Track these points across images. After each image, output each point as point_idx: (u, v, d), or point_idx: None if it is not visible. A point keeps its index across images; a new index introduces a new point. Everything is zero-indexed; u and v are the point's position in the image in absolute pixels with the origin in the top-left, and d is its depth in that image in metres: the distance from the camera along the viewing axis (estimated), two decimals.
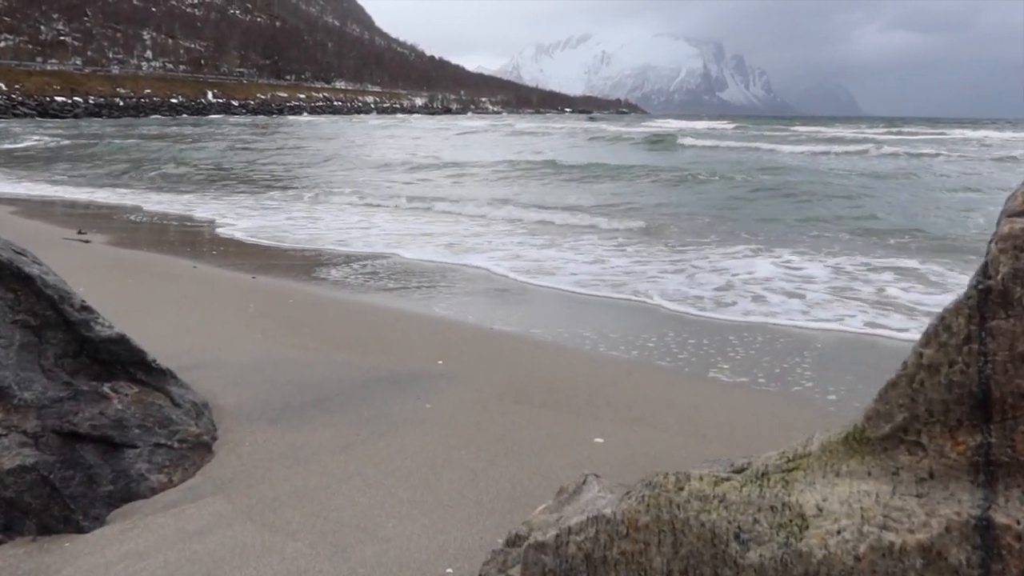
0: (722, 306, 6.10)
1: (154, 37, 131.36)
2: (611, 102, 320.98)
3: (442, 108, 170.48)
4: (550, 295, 6.39)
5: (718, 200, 12.72)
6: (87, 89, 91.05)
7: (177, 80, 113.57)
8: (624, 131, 43.24)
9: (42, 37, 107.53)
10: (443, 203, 12.09)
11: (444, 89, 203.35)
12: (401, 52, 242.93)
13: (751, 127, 51.87)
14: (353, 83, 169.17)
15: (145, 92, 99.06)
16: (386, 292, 6.09)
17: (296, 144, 30.59)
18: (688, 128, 47.85)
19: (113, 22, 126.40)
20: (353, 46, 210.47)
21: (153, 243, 8.09)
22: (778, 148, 26.28)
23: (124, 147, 26.14)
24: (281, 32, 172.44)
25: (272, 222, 10.07)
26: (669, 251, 8.45)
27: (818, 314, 5.94)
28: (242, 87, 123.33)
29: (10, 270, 2.33)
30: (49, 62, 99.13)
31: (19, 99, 77.96)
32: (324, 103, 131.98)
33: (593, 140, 34.74)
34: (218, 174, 16.60)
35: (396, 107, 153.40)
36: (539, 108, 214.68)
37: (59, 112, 77.72)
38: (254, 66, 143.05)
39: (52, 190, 13.56)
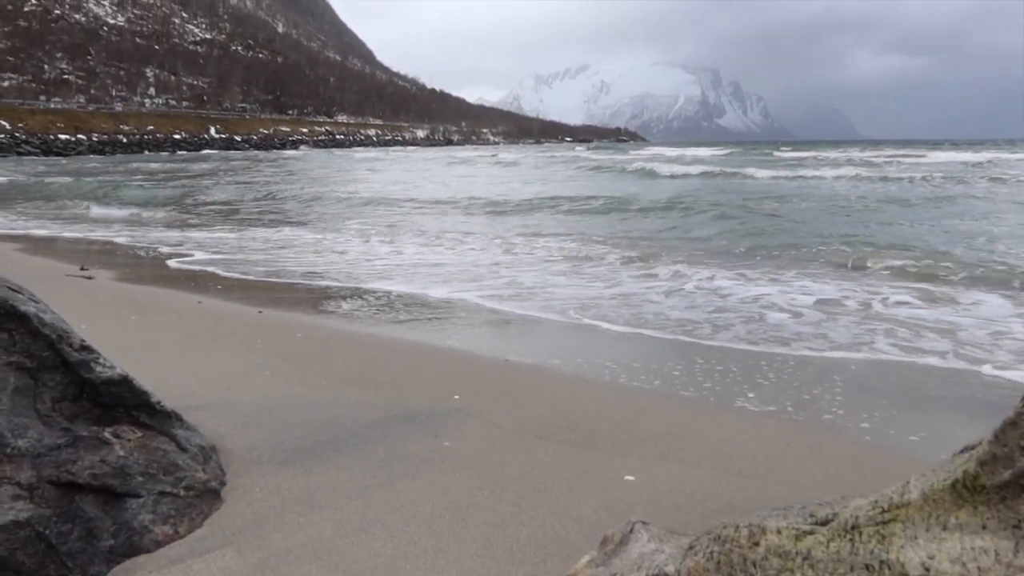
0: (743, 333, 5.93)
1: (157, 74, 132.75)
2: (611, 130, 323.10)
3: (444, 140, 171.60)
4: (563, 326, 6.23)
5: (720, 226, 12.58)
6: (91, 127, 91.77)
7: (180, 116, 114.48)
8: (607, 159, 43.42)
9: (46, 76, 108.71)
10: (445, 235, 11.98)
11: (445, 121, 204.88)
12: (402, 85, 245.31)
13: (742, 154, 52.11)
14: (355, 116, 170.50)
15: (148, 129, 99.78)
16: (396, 324, 5.93)
17: (283, 179, 30.65)
18: (684, 155, 48.09)
19: (116, 60, 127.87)
20: (355, 80, 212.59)
21: (157, 278, 7.95)
22: (757, 173, 26.30)
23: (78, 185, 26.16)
24: (283, 67, 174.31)
25: (269, 256, 9.96)
26: (678, 278, 8.31)
27: (841, 339, 5.77)
28: (244, 122, 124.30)
29: (4, 308, 2.17)
30: (53, 100, 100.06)
31: (23, 137, 78.52)
32: (327, 137, 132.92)
33: (579, 169, 34.83)
34: (226, 209, 16.54)
35: (398, 139, 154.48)
36: (539, 138, 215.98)
37: (63, 150, 78.21)
38: (256, 101, 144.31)
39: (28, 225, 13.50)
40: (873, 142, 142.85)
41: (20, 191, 23.41)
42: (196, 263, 9.17)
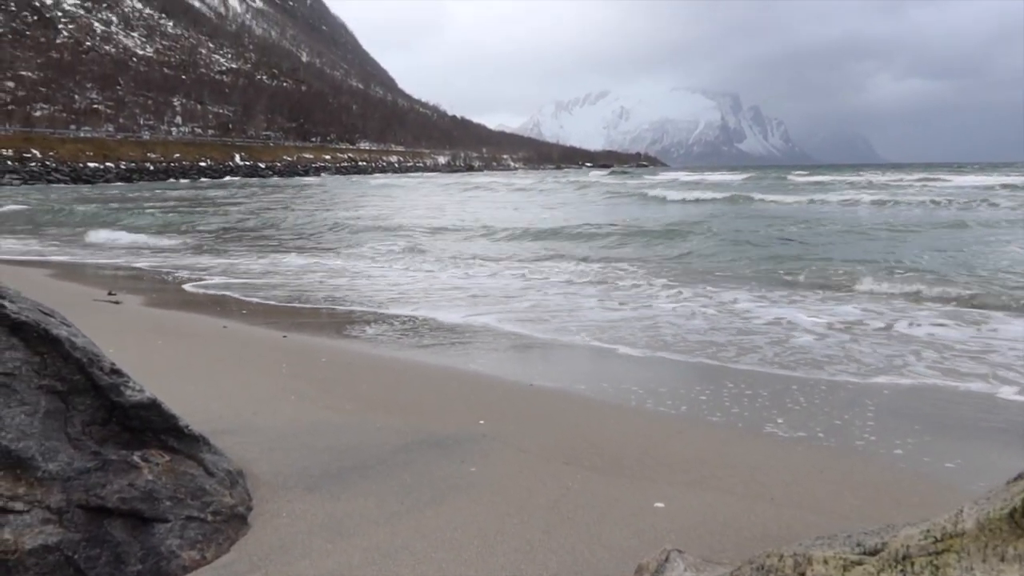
0: (769, 356, 5.85)
1: (183, 103, 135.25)
2: (631, 156, 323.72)
3: (465, 166, 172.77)
4: (587, 349, 6.19)
5: (739, 250, 12.49)
6: (119, 155, 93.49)
7: (206, 144, 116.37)
8: (620, 183, 43.43)
9: (76, 106, 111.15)
10: (466, 260, 11.99)
11: (466, 147, 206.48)
12: (424, 112, 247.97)
13: (759, 179, 51.91)
14: (377, 143, 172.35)
15: (175, 156, 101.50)
16: (420, 349, 5.92)
17: (301, 205, 30.93)
18: (702, 180, 48.00)
19: (144, 90, 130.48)
20: (377, 107, 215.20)
21: (182, 303, 8.01)
22: (775, 198, 26.13)
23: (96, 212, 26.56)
24: (307, 96, 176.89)
25: (290, 280, 10.02)
26: (700, 301, 8.24)
27: (869, 362, 5.67)
28: (268, 150, 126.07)
29: (36, 332, 2.19)
30: (83, 129, 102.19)
31: (53, 166, 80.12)
32: (349, 163, 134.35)
33: (595, 194, 34.84)
34: (246, 235, 16.73)
35: (419, 165, 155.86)
36: (559, 163, 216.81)
37: (91, 178, 79.69)
38: (280, 129, 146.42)
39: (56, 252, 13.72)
40: (895, 166, 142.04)
41: (47, 217, 23.86)
42: (219, 288, 9.25)
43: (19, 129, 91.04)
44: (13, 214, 25.10)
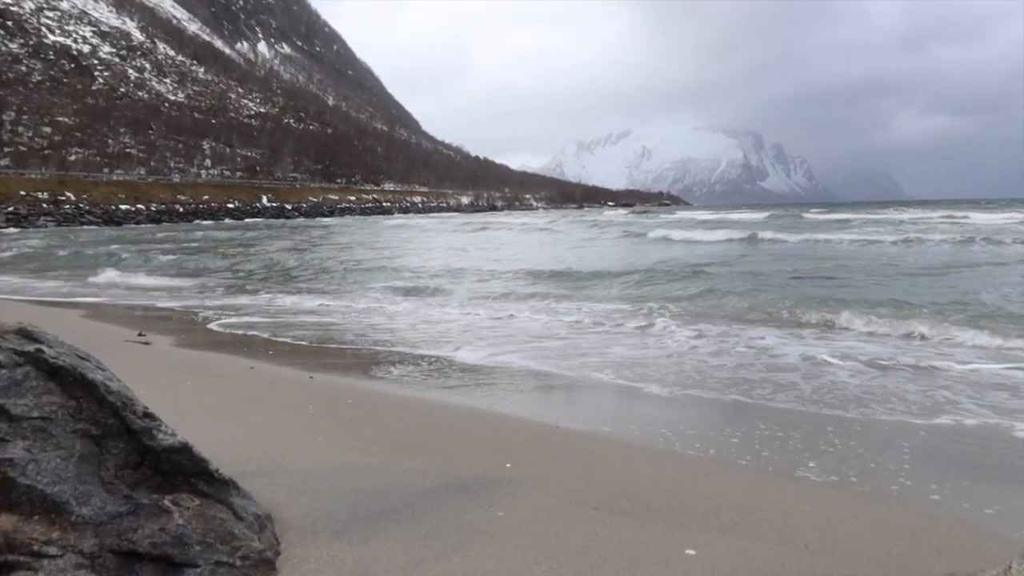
0: (798, 395, 5.77)
1: (213, 147, 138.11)
2: (653, 195, 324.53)
3: (488, 206, 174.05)
4: (613, 389, 6.15)
5: (762, 288, 12.38)
6: (150, 197, 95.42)
7: (234, 186, 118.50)
8: (636, 221, 43.44)
9: (110, 150, 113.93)
10: (487, 300, 12.02)
11: (489, 187, 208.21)
12: (447, 154, 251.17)
13: (779, 217, 51.69)
14: (401, 184, 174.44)
15: (203, 198, 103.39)
16: (446, 390, 5.92)
17: (321, 246, 31.24)
18: (724, 219, 47.85)
19: (175, 134, 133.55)
20: (401, 149, 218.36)
21: (210, 344, 8.09)
22: (796, 237, 25.93)
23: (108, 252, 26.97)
24: (332, 138, 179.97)
25: (315, 319, 10.09)
26: (727, 338, 8.17)
27: (902, 401, 5.58)
28: (295, 191, 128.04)
29: (73, 376, 2.22)
30: (115, 172, 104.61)
31: (87, 208, 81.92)
32: (374, 204, 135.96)
33: (612, 232, 34.84)
34: (270, 275, 16.92)
35: (443, 206, 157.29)
36: (582, 203, 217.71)
37: (123, 219, 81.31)
38: (307, 171, 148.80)
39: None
40: (920, 202, 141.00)
41: (61, 259, 24.34)
42: (245, 327, 9.33)
43: (55, 173, 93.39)
44: (25, 255, 25.65)
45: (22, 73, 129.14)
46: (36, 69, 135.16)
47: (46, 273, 18.58)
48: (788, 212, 60.84)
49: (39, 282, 16.44)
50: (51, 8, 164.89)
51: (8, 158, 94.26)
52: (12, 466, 2.00)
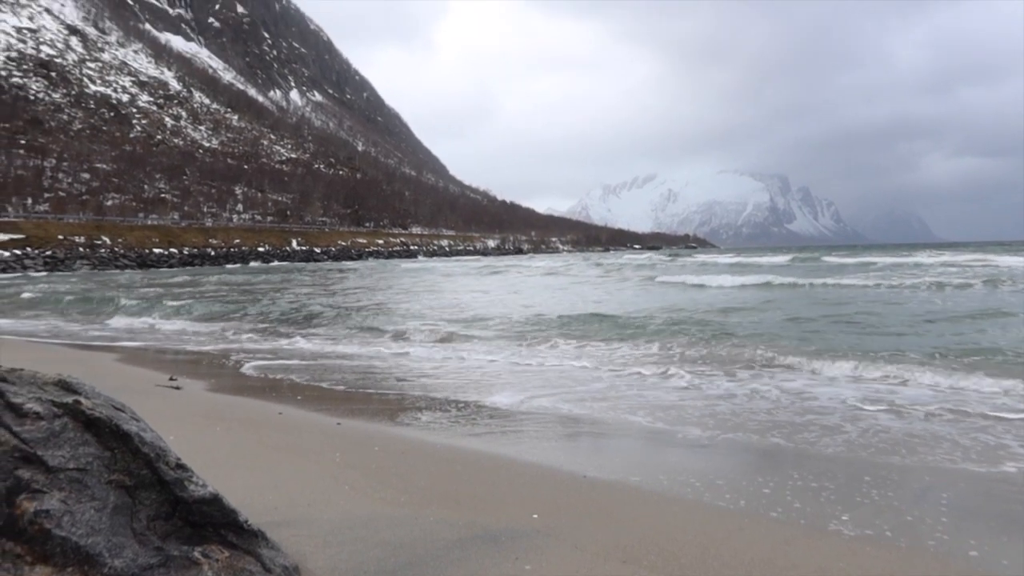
0: (831, 441, 5.66)
1: (245, 191, 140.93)
2: (679, 237, 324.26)
3: (514, 249, 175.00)
4: (642, 435, 6.09)
5: (792, 331, 12.24)
6: (183, 241, 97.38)
7: (264, 230, 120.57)
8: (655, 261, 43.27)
9: (145, 195, 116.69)
10: (512, 344, 12.00)
11: (516, 231, 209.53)
12: (474, 197, 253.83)
13: (804, 260, 51.22)
14: (429, 228, 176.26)
15: (235, 242, 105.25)
16: (473, 437, 5.90)
17: (343, 289, 31.50)
18: (750, 262, 47.53)
19: (209, 179, 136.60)
20: (428, 193, 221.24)
21: (240, 388, 8.16)
22: (814, 281, 25.59)
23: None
24: (361, 183, 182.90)
25: (343, 363, 10.15)
26: (757, 381, 8.07)
27: (939, 449, 5.45)
28: (324, 235, 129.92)
29: (108, 427, 2.26)
30: (150, 217, 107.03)
31: (122, 252, 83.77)
32: (401, 247, 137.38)
33: (629, 275, 34.71)
34: (296, 318, 17.07)
35: (470, 249, 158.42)
36: (608, 246, 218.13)
37: (156, 263, 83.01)
38: (336, 215, 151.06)
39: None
40: (951, 245, 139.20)
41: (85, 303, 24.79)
42: (273, 371, 9.41)
43: (92, 218, 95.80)
44: (43, 298, 26.18)
45: (64, 122, 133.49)
46: (77, 118, 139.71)
47: (76, 316, 18.93)
48: (813, 255, 60.37)
49: (69, 324, 16.76)
50: (93, 59, 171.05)
51: (48, 203, 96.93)
52: (48, 518, 2.03)
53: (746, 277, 23.84)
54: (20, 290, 31.13)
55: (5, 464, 2.03)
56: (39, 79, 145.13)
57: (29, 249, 74.62)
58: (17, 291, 30.41)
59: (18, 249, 73.58)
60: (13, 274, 59.94)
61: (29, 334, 14.59)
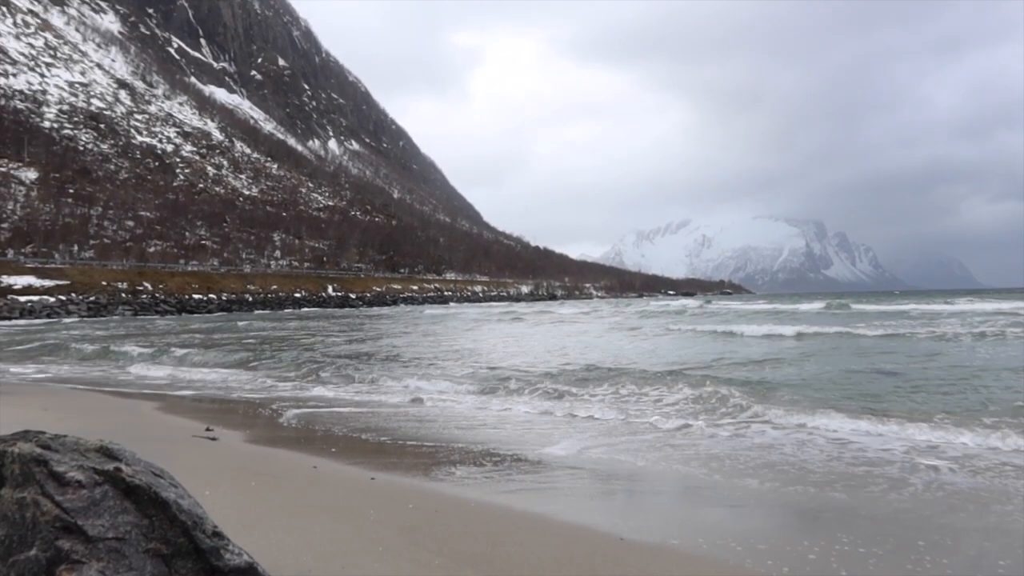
0: (883, 501, 5.47)
1: (283, 238, 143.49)
2: (715, 283, 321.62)
3: (548, 295, 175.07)
4: (682, 490, 5.96)
5: (833, 381, 11.97)
6: (221, 287, 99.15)
7: (301, 276, 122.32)
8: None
9: (186, 242, 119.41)
10: (546, 392, 11.90)
11: (549, 276, 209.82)
12: (508, 244, 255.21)
13: (840, 308, 50.27)
14: (463, 274, 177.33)
15: (272, 288, 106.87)
16: (508, 494, 5.81)
17: (376, 333, 31.63)
18: (785, 309, 46.83)
19: (248, 226, 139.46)
20: (463, 240, 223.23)
21: (274, 440, 8.18)
22: (851, 330, 25.05)
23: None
24: (397, 230, 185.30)
25: (372, 411, 10.14)
26: (802, 431, 7.86)
27: (996, 510, 5.24)
28: (359, 281, 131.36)
29: (148, 495, 2.27)
30: (191, 263, 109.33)
31: (162, 298, 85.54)
32: (435, 293, 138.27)
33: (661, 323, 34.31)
34: (337, 363, 17.16)
35: (503, 295, 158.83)
36: (641, 292, 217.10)
37: (195, 308, 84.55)
38: (371, 261, 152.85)
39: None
40: (995, 291, 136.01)
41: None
42: (308, 420, 9.43)
43: (134, 264, 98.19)
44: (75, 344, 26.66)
45: (111, 171, 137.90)
46: (124, 167, 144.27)
47: (113, 363, 19.26)
48: (849, 301, 59.35)
49: (110, 371, 17.06)
50: (140, 112, 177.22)
51: (93, 250, 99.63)
52: None
53: (784, 326, 23.41)
54: (49, 338, 31.85)
55: (47, 534, 2.04)
56: (89, 131, 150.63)
57: (74, 295, 76.56)
58: (47, 339, 31.12)
59: (63, 295, 75.53)
60: (45, 319, 61.11)
61: (67, 379, 14.85)
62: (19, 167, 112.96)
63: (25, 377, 15.95)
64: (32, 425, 8.09)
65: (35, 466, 2.09)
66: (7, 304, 66.99)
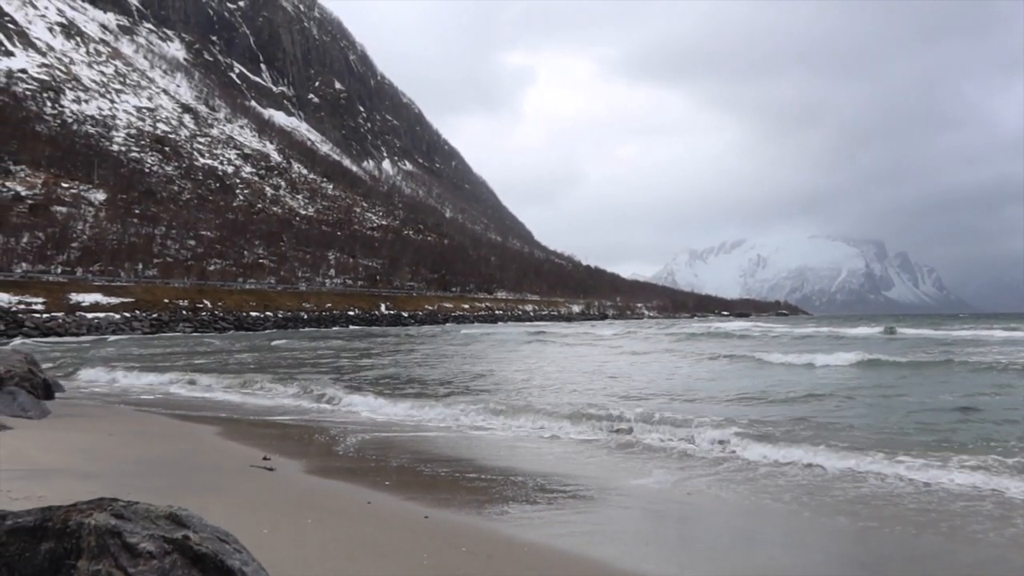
0: (958, 551, 5.24)
1: (337, 257, 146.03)
2: (770, 304, 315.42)
3: (599, 314, 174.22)
4: (745, 530, 5.82)
5: (895, 416, 11.57)
6: (277, 305, 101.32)
7: (355, 295, 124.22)
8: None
9: (245, 260, 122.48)
10: (600, 419, 11.79)
11: (600, 296, 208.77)
12: (559, 263, 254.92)
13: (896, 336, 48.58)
14: (514, 292, 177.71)
15: (326, 306, 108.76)
16: (563, 537, 5.75)
17: (425, 354, 31.77)
18: (829, 333, 45.50)
19: (304, 246, 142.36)
20: (514, 259, 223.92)
21: (329, 470, 8.26)
22: (899, 359, 24.15)
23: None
24: (449, 249, 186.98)
25: (420, 436, 10.18)
26: (878, 479, 7.60)
27: None
28: (412, 299, 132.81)
29: (214, 563, 2.31)
30: (248, 282, 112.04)
31: (221, 315, 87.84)
32: (486, 312, 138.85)
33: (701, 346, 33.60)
34: (387, 383, 17.33)
35: (554, 314, 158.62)
36: (694, 312, 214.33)
37: (252, 326, 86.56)
38: (423, 280, 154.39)
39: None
40: None
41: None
42: (362, 448, 9.53)
43: (195, 282, 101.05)
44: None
45: (174, 192, 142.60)
46: (186, 188, 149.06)
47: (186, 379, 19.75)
48: (906, 323, 57.41)
49: (175, 388, 17.52)
50: (203, 135, 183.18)
51: (156, 268, 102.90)
52: None
53: (851, 353, 22.67)
54: (99, 352, 32.86)
55: None
56: (154, 153, 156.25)
57: (138, 312, 79.16)
58: (99, 353, 32.11)
59: (128, 312, 78.18)
60: (87, 336, 62.46)
61: (121, 396, 15.30)
62: (89, 188, 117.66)
63: (91, 391, 16.46)
64: (97, 451, 8.33)
65: (110, 538, 2.16)
66: (75, 320, 69.56)
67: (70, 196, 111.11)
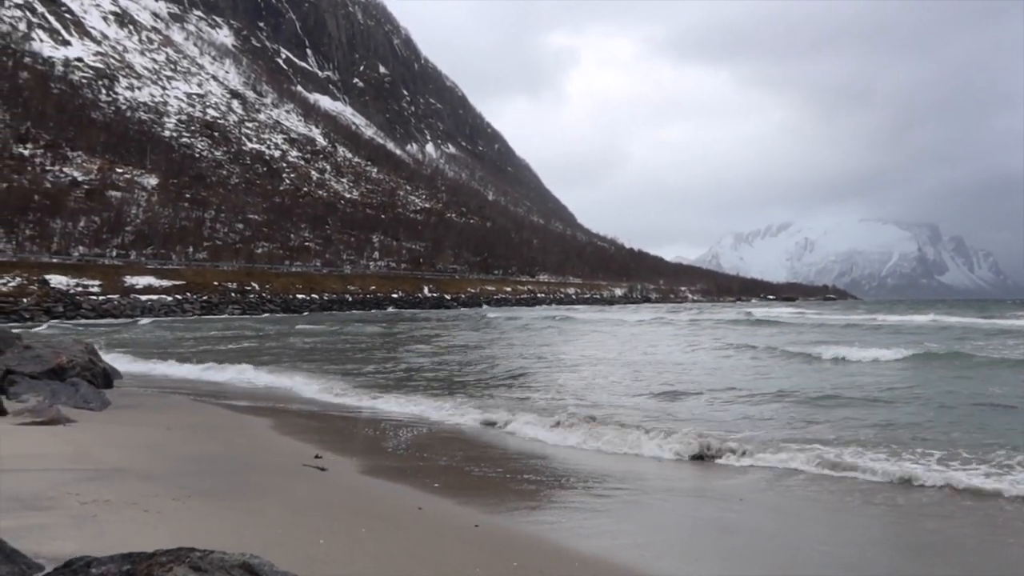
0: None
1: (381, 240, 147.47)
2: (817, 288, 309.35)
3: (641, 297, 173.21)
4: (774, 553, 5.75)
5: (954, 418, 11.24)
6: (323, 287, 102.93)
7: (398, 277, 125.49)
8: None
9: (291, 243, 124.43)
10: (651, 419, 11.70)
11: (643, 279, 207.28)
12: (601, 245, 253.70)
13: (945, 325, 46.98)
14: (556, 275, 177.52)
15: (371, 289, 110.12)
16: (618, 550, 5.74)
17: (473, 341, 31.85)
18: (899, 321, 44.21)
19: (349, 229, 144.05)
20: (556, 242, 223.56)
21: (380, 470, 8.36)
22: (976, 354, 23.36)
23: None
24: (491, 232, 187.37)
25: (461, 435, 10.23)
26: (953, 502, 7.42)
27: None
28: (454, 282, 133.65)
29: None
30: (295, 264, 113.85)
31: (268, 297, 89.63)
32: (528, 295, 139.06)
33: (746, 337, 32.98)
34: (432, 377, 17.46)
35: (596, 297, 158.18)
36: (739, 296, 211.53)
37: (298, 308, 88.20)
38: (466, 263, 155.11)
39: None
40: None
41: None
42: (409, 447, 9.65)
43: (243, 265, 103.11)
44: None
45: (223, 176, 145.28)
46: (235, 172, 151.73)
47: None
48: (965, 310, 55.52)
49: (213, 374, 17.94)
50: (251, 120, 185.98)
51: (206, 251, 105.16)
52: None
53: (909, 348, 21.96)
54: (151, 334, 33.62)
55: None
56: (204, 139, 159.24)
57: (188, 294, 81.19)
58: (149, 334, 32.86)
59: (179, 294, 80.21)
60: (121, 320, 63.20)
61: (177, 384, 15.69)
62: (142, 174, 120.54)
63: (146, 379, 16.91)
64: (156, 447, 8.55)
65: None
66: (130, 303, 71.62)
67: (124, 181, 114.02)
